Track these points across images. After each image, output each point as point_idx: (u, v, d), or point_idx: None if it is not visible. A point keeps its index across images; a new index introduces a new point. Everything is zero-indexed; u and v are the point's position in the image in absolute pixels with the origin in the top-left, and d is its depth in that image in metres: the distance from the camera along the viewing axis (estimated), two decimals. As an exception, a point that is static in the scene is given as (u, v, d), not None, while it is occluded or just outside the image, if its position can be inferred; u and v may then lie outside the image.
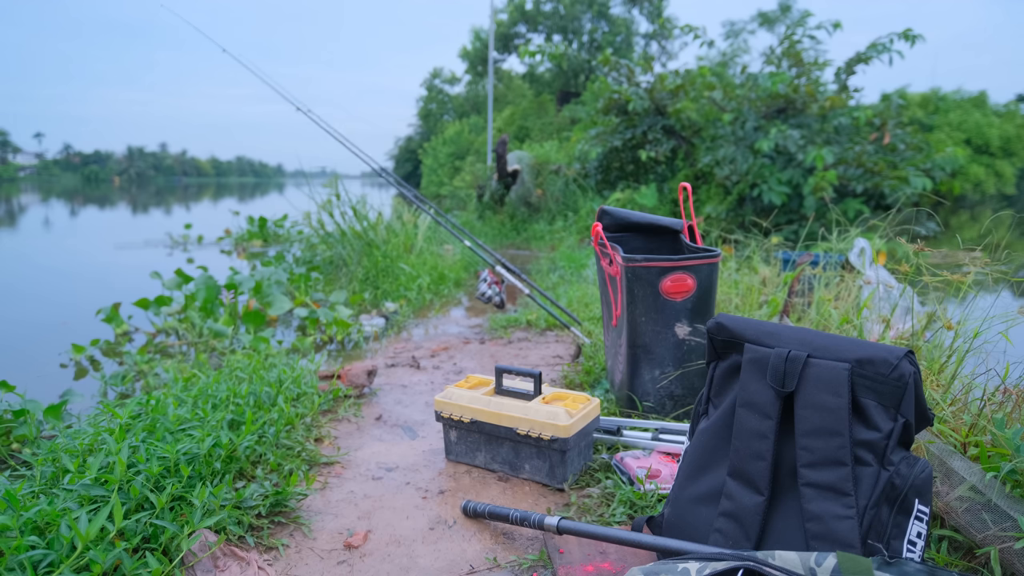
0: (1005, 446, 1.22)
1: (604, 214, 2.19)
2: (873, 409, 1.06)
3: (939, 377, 1.66)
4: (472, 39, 24.31)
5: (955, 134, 16.55)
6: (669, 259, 1.84)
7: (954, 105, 18.01)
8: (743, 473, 1.15)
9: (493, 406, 1.66)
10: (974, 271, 1.79)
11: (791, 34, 8.22)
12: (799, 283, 2.68)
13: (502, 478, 1.68)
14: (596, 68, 10.81)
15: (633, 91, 8.31)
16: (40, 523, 1.23)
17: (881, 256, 3.22)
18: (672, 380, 1.91)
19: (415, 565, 1.32)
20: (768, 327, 1.19)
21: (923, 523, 1.05)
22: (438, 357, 2.85)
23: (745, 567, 0.93)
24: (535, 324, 3.40)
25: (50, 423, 1.95)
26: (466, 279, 5.06)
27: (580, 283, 4.32)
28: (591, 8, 22.73)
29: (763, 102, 7.80)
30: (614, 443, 1.77)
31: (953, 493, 1.21)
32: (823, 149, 6.95)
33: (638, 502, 1.50)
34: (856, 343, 1.10)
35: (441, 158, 17.91)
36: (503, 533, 1.43)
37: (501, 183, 8.85)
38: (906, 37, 7.45)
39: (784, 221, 6.84)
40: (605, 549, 1.29)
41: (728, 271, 3.38)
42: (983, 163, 16.59)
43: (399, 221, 5.56)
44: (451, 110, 27.46)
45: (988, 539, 1.12)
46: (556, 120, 17.03)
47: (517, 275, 3.10)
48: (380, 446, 1.90)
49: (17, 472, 1.58)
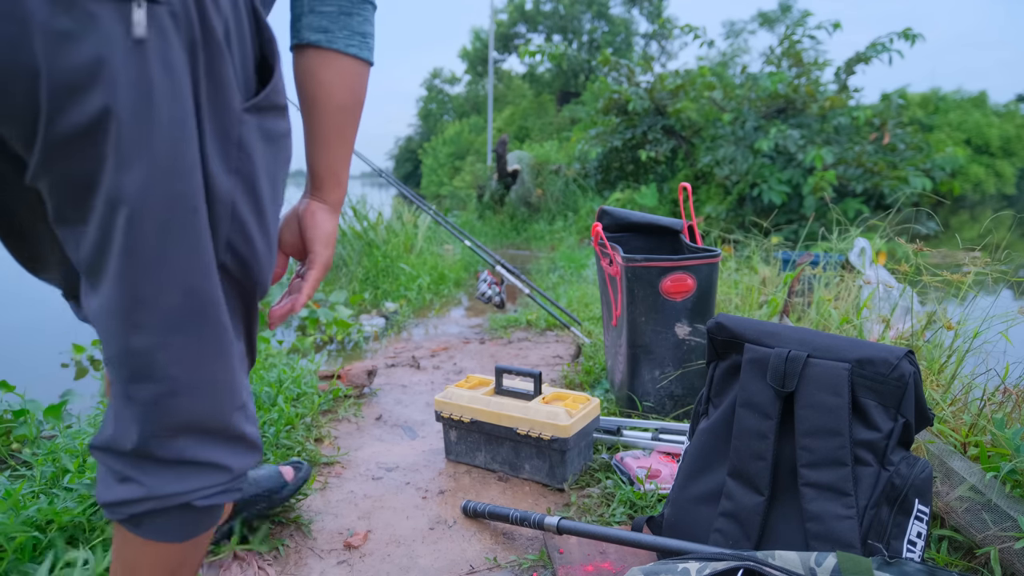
0: (1005, 446, 1.22)
1: (604, 214, 2.19)
2: (873, 409, 1.06)
3: (939, 377, 1.66)
4: (472, 39, 24.35)
5: (955, 134, 16.56)
6: (669, 259, 1.85)
7: (954, 105, 18.02)
8: (743, 473, 1.15)
9: (493, 406, 1.66)
10: (974, 271, 1.79)
11: (791, 34, 8.22)
12: (799, 283, 2.68)
13: (502, 478, 1.68)
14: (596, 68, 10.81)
15: (633, 91, 8.31)
16: (40, 522, 1.23)
17: (881, 256, 3.22)
18: (672, 380, 1.91)
19: (415, 565, 1.32)
20: (768, 327, 1.19)
21: (923, 523, 1.05)
22: (438, 357, 2.85)
23: (745, 567, 0.93)
24: (535, 324, 3.40)
25: (50, 423, 1.95)
26: (466, 279, 5.06)
27: (580, 283, 4.32)
28: (591, 8, 22.75)
29: (763, 102, 7.80)
30: (614, 443, 1.77)
31: (953, 493, 1.21)
32: (823, 149, 6.95)
33: (638, 502, 1.50)
34: (856, 343, 1.10)
35: (441, 158, 17.91)
36: (503, 533, 1.43)
37: (501, 183, 8.85)
38: (906, 37, 7.46)
39: (784, 221, 6.83)
40: (605, 549, 1.29)
41: (728, 271, 3.38)
42: (983, 163, 16.60)
43: (399, 221, 5.56)
44: (451, 110, 27.48)
45: (988, 539, 1.12)
46: (556, 120, 17.05)
47: (516, 275, 3.10)
48: (380, 446, 1.90)
49: (17, 472, 1.58)
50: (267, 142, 0.75)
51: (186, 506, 0.74)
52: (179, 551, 0.78)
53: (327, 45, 0.82)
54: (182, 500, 0.73)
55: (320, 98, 0.84)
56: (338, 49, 0.82)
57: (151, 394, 0.70)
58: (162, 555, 0.78)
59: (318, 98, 0.84)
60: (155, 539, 0.76)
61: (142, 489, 0.72)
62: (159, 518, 0.74)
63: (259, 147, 0.74)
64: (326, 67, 0.83)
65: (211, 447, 0.74)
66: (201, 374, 0.71)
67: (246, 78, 0.73)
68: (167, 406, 0.70)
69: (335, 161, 0.88)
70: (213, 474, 0.75)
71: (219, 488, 0.76)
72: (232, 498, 0.78)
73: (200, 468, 0.74)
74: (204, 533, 0.80)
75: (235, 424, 0.76)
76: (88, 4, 0.59)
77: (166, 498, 0.72)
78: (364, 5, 0.84)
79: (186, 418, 0.72)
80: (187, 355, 0.70)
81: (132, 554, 0.78)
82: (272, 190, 0.78)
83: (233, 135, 0.70)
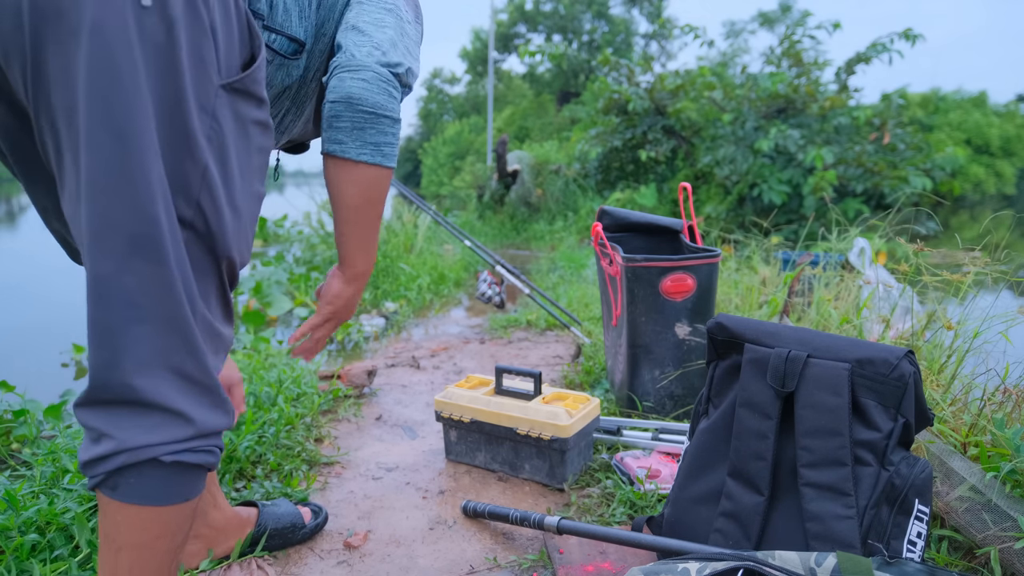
0: (1005, 446, 1.22)
1: (604, 214, 2.19)
2: (873, 409, 1.06)
3: (939, 377, 1.66)
4: (472, 39, 24.32)
5: (955, 134, 16.55)
6: (669, 259, 1.85)
7: (954, 105, 18.00)
8: (743, 473, 1.15)
9: (493, 406, 1.66)
10: (974, 271, 1.79)
11: (791, 34, 8.23)
12: (799, 283, 2.68)
13: (502, 478, 1.68)
14: (596, 68, 10.81)
15: (633, 91, 8.31)
16: (40, 523, 1.23)
17: (881, 256, 3.22)
18: (672, 380, 1.91)
19: (415, 565, 1.32)
20: (768, 327, 1.19)
21: (923, 523, 1.05)
22: (438, 357, 2.85)
23: (745, 567, 0.93)
24: (535, 324, 3.40)
25: (50, 423, 1.95)
26: (466, 279, 5.06)
27: (580, 283, 4.32)
28: (591, 8, 22.73)
29: (763, 102, 7.80)
30: (614, 443, 1.77)
31: (953, 493, 1.21)
32: (823, 149, 6.95)
33: (638, 502, 1.50)
34: (856, 343, 1.10)
35: (441, 158, 17.90)
36: (503, 533, 1.43)
37: (501, 183, 8.85)
38: (906, 37, 7.46)
39: (784, 221, 6.84)
40: (605, 549, 1.29)
41: (728, 271, 3.38)
42: (983, 163, 16.59)
43: (399, 221, 5.56)
44: (451, 110, 27.46)
45: (988, 539, 1.12)
46: (556, 120, 17.04)
47: (516, 275, 3.10)
48: (380, 446, 1.90)
49: (17, 472, 1.58)
50: (237, 122, 0.83)
51: (155, 462, 0.78)
52: (156, 521, 0.81)
53: (341, 155, 0.98)
54: (150, 454, 0.78)
55: (336, 197, 1.01)
56: (350, 158, 0.98)
57: (116, 320, 0.75)
58: (139, 522, 0.81)
59: (334, 197, 1.00)
60: (130, 501, 0.79)
61: (113, 442, 0.77)
62: (132, 477, 0.79)
63: (230, 124, 0.82)
64: (340, 173, 0.99)
65: (172, 390, 0.78)
66: (162, 308, 0.76)
67: (229, 66, 0.82)
68: (130, 333, 0.75)
69: (350, 247, 1.06)
70: (178, 426, 0.79)
71: (184, 444, 0.80)
72: (199, 460, 0.81)
73: (164, 417, 0.78)
74: (178, 505, 0.82)
75: (192, 371, 0.80)
76: None
77: (135, 451, 0.77)
78: (379, 120, 0.98)
79: (147, 349, 0.76)
80: (148, 284, 0.75)
81: (112, 524, 0.81)
82: (242, 170, 0.85)
83: (208, 106, 0.79)
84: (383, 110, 0.99)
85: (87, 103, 0.71)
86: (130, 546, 0.81)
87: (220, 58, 0.81)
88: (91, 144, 0.71)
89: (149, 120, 0.73)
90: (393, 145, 1.01)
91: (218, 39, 0.80)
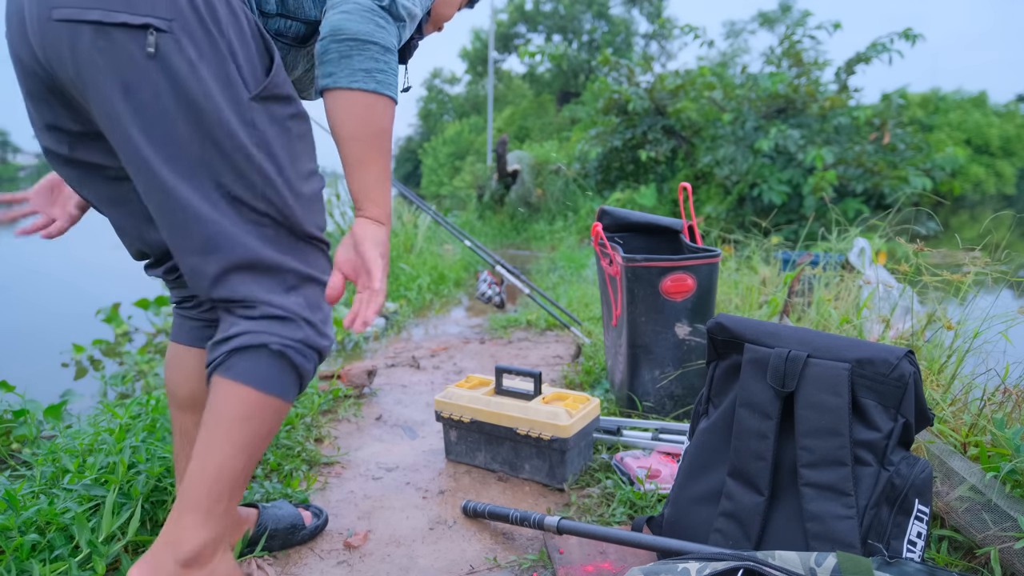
0: (1005, 446, 1.22)
1: (604, 214, 2.19)
2: (873, 409, 1.06)
3: (939, 377, 1.66)
4: (472, 39, 24.32)
5: (955, 134, 16.56)
6: (669, 259, 1.85)
7: (954, 105, 18.02)
8: (743, 473, 1.15)
9: (493, 406, 1.66)
10: (974, 271, 1.79)
11: (791, 34, 8.23)
12: (799, 283, 2.68)
13: (502, 478, 1.68)
14: (596, 68, 10.81)
15: (633, 91, 8.32)
16: (40, 523, 1.23)
17: (881, 256, 3.22)
18: (672, 380, 1.91)
19: (415, 565, 1.32)
20: (768, 327, 1.19)
21: (923, 523, 1.05)
22: (438, 357, 2.85)
23: (745, 567, 0.93)
24: (535, 324, 3.40)
25: (50, 423, 1.95)
26: (466, 279, 5.06)
27: (580, 283, 4.32)
28: (591, 8, 22.73)
29: (763, 102, 7.81)
30: (614, 443, 1.77)
31: (953, 493, 1.21)
32: (823, 149, 6.96)
33: (638, 502, 1.50)
34: (856, 343, 1.10)
35: (441, 158, 17.91)
36: (503, 533, 1.43)
37: (501, 183, 8.85)
38: (906, 37, 7.46)
39: (784, 221, 6.84)
40: (605, 549, 1.29)
41: (728, 271, 3.38)
42: (983, 163, 16.60)
43: (399, 221, 5.56)
44: (451, 110, 27.46)
45: (988, 539, 1.12)
46: (556, 120, 17.05)
47: (516, 275, 3.10)
48: (380, 446, 1.90)
49: (17, 472, 1.58)
50: (274, 123, 0.99)
51: (263, 348, 0.99)
52: (254, 403, 1.00)
53: (332, 85, 0.95)
54: (262, 340, 0.99)
55: (336, 131, 0.98)
56: (342, 86, 0.95)
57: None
58: (240, 401, 0.99)
59: (335, 131, 0.98)
60: (238, 379, 0.99)
61: (238, 326, 1.00)
62: (245, 359, 0.99)
63: (269, 127, 0.98)
64: (336, 104, 0.96)
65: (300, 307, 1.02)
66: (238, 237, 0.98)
67: (255, 77, 0.97)
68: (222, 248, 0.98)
69: (363, 184, 1.00)
70: (287, 327, 1.01)
71: (291, 341, 1.01)
72: (299, 360, 1.02)
73: (272, 319, 1.00)
74: (272, 397, 1.00)
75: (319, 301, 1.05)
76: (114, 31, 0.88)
77: (252, 334, 0.99)
78: (365, 46, 0.95)
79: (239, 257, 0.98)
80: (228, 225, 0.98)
81: (218, 400, 1.00)
82: (292, 159, 1.01)
83: (248, 119, 0.96)
84: (369, 36, 0.94)
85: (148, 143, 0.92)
86: (228, 419, 0.98)
87: (245, 75, 0.95)
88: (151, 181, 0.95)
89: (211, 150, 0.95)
90: (386, 72, 0.96)
91: (238, 59, 0.94)
